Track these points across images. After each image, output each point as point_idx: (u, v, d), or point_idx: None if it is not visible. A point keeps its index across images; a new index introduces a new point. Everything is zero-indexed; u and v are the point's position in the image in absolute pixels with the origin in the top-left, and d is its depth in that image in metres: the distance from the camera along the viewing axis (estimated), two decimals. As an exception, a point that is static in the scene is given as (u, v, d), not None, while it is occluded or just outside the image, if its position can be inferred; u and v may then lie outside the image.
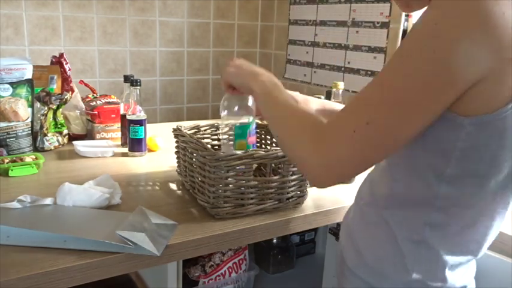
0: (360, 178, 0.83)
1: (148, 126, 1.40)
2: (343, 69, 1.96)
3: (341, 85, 1.32)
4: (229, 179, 0.96)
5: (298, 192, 1.07)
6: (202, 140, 1.13)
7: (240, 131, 1.03)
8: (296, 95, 1.04)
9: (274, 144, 1.22)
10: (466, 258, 0.74)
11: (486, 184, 0.66)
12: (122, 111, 1.48)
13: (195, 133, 1.19)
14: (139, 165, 1.32)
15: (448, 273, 0.72)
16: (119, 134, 1.51)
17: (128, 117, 1.38)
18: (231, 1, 2.34)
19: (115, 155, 1.41)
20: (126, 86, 1.46)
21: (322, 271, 1.35)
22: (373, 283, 0.75)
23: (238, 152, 0.95)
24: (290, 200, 1.06)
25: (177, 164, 1.19)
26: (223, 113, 1.01)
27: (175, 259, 0.91)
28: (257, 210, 1.01)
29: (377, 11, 1.76)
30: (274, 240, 1.52)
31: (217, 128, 1.23)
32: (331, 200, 1.13)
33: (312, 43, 2.12)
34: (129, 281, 1.24)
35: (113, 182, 1.08)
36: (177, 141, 1.14)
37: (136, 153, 1.39)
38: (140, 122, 1.36)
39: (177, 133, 1.12)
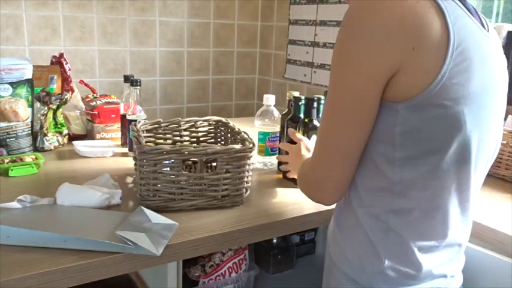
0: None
1: (148, 126, 1.40)
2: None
3: None
4: (157, 172, 0.98)
5: (235, 191, 1.06)
6: (167, 136, 1.27)
7: (262, 136, 1.32)
8: None
9: (223, 142, 1.29)
10: (436, 243, 0.75)
11: (434, 163, 0.69)
12: (122, 111, 1.48)
13: (155, 129, 1.22)
14: (139, 165, 1.32)
15: (421, 257, 0.74)
16: (119, 134, 1.51)
17: (127, 117, 1.38)
18: (231, 1, 2.34)
19: (115, 155, 1.41)
20: (126, 86, 1.46)
21: (322, 271, 1.35)
22: (353, 276, 0.78)
23: (166, 146, 0.98)
24: (226, 198, 1.06)
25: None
26: (257, 123, 1.33)
27: (175, 259, 0.91)
28: (190, 205, 1.02)
29: (377, 11, 1.76)
30: (274, 240, 1.52)
31: (179, 125, 1.30)
32: (331, 200, 1.13)
33: (312, 43, 2.12)
34: (129, 281, 1.24)
35: (113, 182, 1.08)
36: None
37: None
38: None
39: (134, 129, 1.13)
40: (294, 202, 1.11)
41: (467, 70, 0.66)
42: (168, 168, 0.99)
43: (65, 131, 1.49)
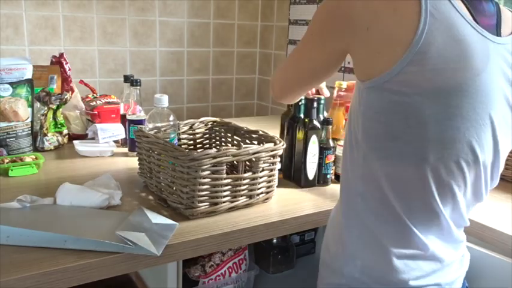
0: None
1: (148, 126, 1.40)
2: (343, 69, 1.96)
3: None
4: (203, 178, 0.96)
5: (267, 188, 1.09)
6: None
7: None
8: None
9: (235, 142, 1.28)
10: (412, 252, 0.73)
11: (392, 152, 0.69)
12: (122, 111, 1.48)
13: (156, 133, 1.19)
14: (139, 165, 1.32)
15: (397, 263, 0.73)
16: (119, 134, 1.51)
17: (127, 117, 1.38)
18: (231, 1, 2.34)
19: (115, 154, 1.41)
20: (126, 86, 1.46)
21: (322, 271, 1.35)
22: (329, 262, 0.81)
23: (211, 151, 0.96)
24: (260, 196, 1.08)
25: (138, 166, 1.17)
26: None
27: (175, 259, 0.91)
28: (230, 208, 1.02)
29: (377, 11, 1.76)
30: (274, 240, 1.52)
31: (178, 128, 1.28)
32: (331, 200, 1.13)
33: (312, 43, 2.12)
34: (129, 281, 1.24)
35: (114, 182, 1.08)
36: (139, 143, 1.12)
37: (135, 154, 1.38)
38: (140, 122, 1.36)
39: (140, 134, 1.10)
40: (294, 202, 1.11)
41: (433, 64, 0.64)
42: (209, 172, 0.97)
43: (65, 131, 1.49)
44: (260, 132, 1.18)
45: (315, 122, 1.18)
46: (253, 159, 1.04)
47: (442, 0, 0.66)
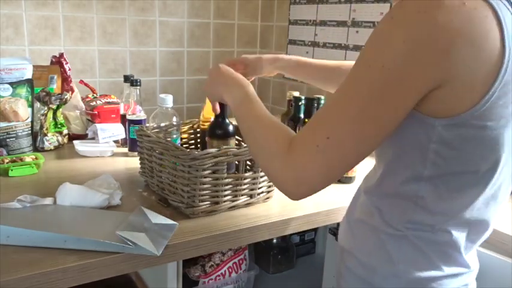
0: (360, 177, 0.83)
1: (148, 126, 1.40)
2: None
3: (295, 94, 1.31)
4: (204, 178, 0.96)
5: (268, 187, 1.09)
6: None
7: None
8: (298, 59, 1.09)
9: (236, 141, 1.24)
10: (457, 272, 0.73)
11: (464, 182, 0.67)
12: (122, 111, 1.48)
13: (158, 133, 1.18)
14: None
15: (441, 265, 0.72)
16: (119, 134, 1.51)
17: (127, 117, 1.38)
18: (231, 1, 2.34)
19: (115, 154, 1.41)
20: (126, 86, 1.46)
21: (322, 271, 1.35)
22: (367, 278, 0.76)
23: (212, 150, 0.96)
24: (260, 195, 1.08)
25: (139, 166, 1.17)
26: None
27: (175, 259, 0.91)
28: (230, 207, 1.03)
29: (377, 11, 1.76)
30: (274, 240, 1.52)
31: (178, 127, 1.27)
32: (331, 200, 1.13)
33: (312, 43, 2.11)
34: (129, 281, 1.24)
35: (114, 182, 1.08)
36: (140, 142, 1.12)
37: (136, 153, 1.38)
38: (140, 122, 1.36)
39: (141, 133, 1.11)
40: (294, 202, 1.11)
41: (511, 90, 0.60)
42: (210, 171, 0.97)
43: (65, 131, 1.49)
44: None
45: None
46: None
47: (509, 17, 0.59)
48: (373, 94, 0.60)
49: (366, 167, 0.86)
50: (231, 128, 1.07)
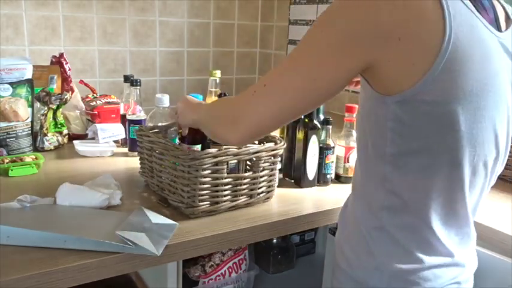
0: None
1: (148, 126, 1.40)
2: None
3: (218, 73, 1.37)
4: (204, 178, 0.96)
5: (268, 187, 1.09)
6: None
7: None
8: None
9: None
10: (439, 262, 0.73)
11: (424, 163, 0.68)
12: (122, 111, 1.48)
13: (156, 133, 1.18)
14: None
15: (421, 256, 0.72)
16: (119, 134, 1.51)
17: (127, 117, 1.38)
18: (231, 1, 2.34)
19: (115, 154, 1.41)
20: (126, 86, 1.46)
21: (322, 271, 1.35)
22: (350, 273, 0.78)
23: (212, 150, 0.96)
24: (260, 195, 1.08)
25: (139, 166, 1.17)
26: None
27: (175, 259, 0.91)
28: (230, 207, 1.03)
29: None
30: (274, 240, 1.52)
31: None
32: (331, 200, 1.13)
33: (312, 43, 2.12)
34: (129, 281, 1.24)
35: (114, 182, 1.08)
36: (140, 142, 1.12)
37: (136, 153, 1.39)
38: (140, 122, 1.36)
39: (141, 133, 1.11)
40: (294, 202, 1.11)
41: (461, 67, 0.63)
42: (210, 171, 0.97)
43: (65, 131, 1.49)
44: None
45: (315, 122, 1.18)
46: (254, 158, 1.04)
47: (456, 2, 0.64)
48: (312, 55, 0.68)
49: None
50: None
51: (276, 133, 1.30)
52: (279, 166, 1.11)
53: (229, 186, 1.01)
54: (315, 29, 0.69)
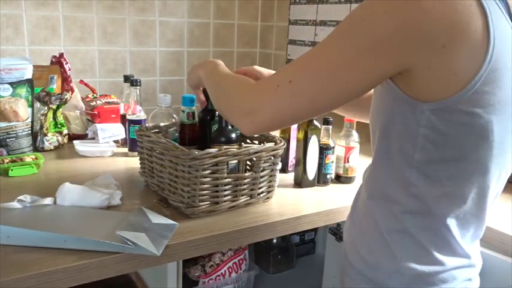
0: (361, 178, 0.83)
1: (148, 126, 1.40)
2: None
3: None
4: (204, 178, 0.96)
5: (268, 187, 1.09)
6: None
7: None
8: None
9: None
10: (458, 263, 0.73)
11: (454, 171, 0.67)
12: (122, 111, 1.48)
13: (157, 133, 1.17)
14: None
15: (442, 257, 0.72)
16: (119, 134, 1.51)
17: (127, 117, 1.38)
18: (231, 1, 2.34)
19: (115, 154, 1.41)
20: (126, 86, 1.46)
21: (322, 271, 1.35)
22: (370, 276, 0.76)
23: (212, 150, 0.96)
24: (260, 195, 1.08)
25: (139, 166, 1.17)
26: None
27: (175, 259, 0.91)
28: (230, 207, 1.03)
29: (377, 11, 1.76)
30: (274, 240, 1.52)
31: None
32: (331, 200, 1.13)
33: (312, 43, 2.12)
34: (129, 281, 1.24)
35: (114, 182, 1.08)
36: (141, 142, 1.12)
37: (136, 153, 1.38)
38: (140, 122, 1.36)
39: (141, 133, 1.10)
40: (294, 202, 1.11)
41: (500, 78, 0.61)
42: (210, 171, 0.98)
43: (65, 131, 1.49)
44: None
45: (315, 122, 1.18)
46: (254, 158, 1.04)
47: (496, 8, 0.61)
48: (344, 56, 0.63)
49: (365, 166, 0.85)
50: (233, 135, 1.07)
51: (276, 133, 1.30)
52: (279, 166, 1.11)
53: (230, 186, 1.01)
54: (349, 26, 0.64)
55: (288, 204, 1.10)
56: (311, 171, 1.20)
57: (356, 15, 0.63)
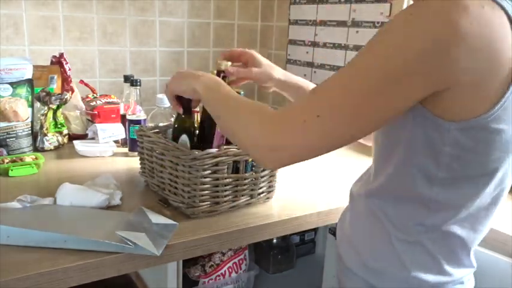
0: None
1: (148, 126, 1.40)
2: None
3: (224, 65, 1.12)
4: (204, 178, 0.96)
5: (268, 187, 1.10)
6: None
7: None
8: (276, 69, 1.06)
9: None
10: (464, 273, 0.74)
11: (480, 186, 0.67)
12: (122, 111, 1.48)
13: (157, 133, 1.16)
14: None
15: (450, 269, 0.72)
16: (119, 134, 1.51)
17: (128, 117, 1.38)
18: (231, 1, 2.34)
19: (115, 154, 1.41)
20: (126, 86, 1.46)
21: (322, 271, 1.35)
22: (374, 282, 0.75)
23: (212, 150, 0.95)
24: (261, 195, 1.08)
25: (140, 166, 1.17)
26: None
27: (175, 259, 0.91)
28: (231, 207, 1.03)
29: (377, 11, 1.76)
30: (274, 240, 1.52)
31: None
32: (331, 200, 1.13)
33: (312, 43, 2.11)
34: (129, 281, 1.24)
35: (114, 182, 1.08)
36: (141, 142, 1.12)
37: (136, 153, 1.38)
38: (140, 122, 1.36)
39: (142, 133, 1.10)
40: (294, 202, 1.11)
41: None
42: (210, 171, 0.97)
43: (65, 131, 1.49)
44: None
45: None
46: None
47: None
48: (374, 86, 0.59)
49: (354, 169, 0.85)
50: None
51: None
52: None
53: (230, 186, 1.01)
54: (379, 48, 0.60)
55: (288, 204, 1.10)
56: (311, 171, 1.20)
57: (386, 37, 0.60)
